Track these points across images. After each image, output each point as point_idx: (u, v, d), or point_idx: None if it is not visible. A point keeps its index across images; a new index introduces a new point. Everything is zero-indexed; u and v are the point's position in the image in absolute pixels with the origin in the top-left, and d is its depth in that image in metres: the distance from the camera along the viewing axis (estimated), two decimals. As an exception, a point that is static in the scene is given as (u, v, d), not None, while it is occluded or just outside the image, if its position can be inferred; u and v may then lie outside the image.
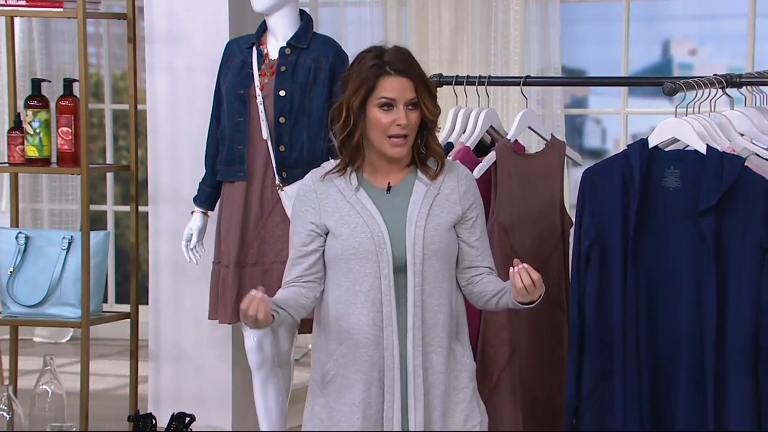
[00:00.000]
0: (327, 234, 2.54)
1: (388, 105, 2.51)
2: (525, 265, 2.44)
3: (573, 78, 5.48)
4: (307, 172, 3.52)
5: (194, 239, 3.68)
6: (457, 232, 2.55)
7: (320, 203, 2.54)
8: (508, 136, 3.00)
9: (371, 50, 2.55)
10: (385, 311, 2.50)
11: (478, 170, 2.92)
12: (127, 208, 5.26)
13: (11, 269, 3.87)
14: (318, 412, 2.56)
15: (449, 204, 2.55)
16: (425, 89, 2.53)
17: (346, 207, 2.53)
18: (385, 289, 2.50)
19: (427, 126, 2.55)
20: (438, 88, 3.09)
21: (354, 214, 2.52)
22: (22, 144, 3.86)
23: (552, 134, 3.05)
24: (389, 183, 2.56)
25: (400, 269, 2.51)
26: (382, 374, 2.50)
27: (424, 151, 2.56)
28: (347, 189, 2.54)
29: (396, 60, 2.52)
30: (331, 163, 2.59)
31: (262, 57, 3.59)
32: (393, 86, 2.51)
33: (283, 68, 3.55)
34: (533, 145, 3.52)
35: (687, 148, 2.72)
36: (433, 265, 2.52)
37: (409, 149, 2.55)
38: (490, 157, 2.96)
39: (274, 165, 3.54)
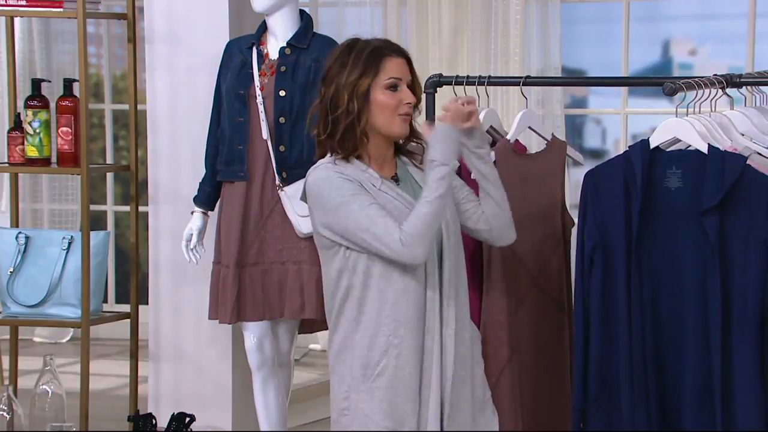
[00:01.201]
0: None
1: (394, 86, 2.54)
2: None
3: (573, 78, 5.47)
4: (306, 172, 3.56)
5: (194, 239, 3.68)
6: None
7: (360, 182, 2.53)
8: (508, 137, 3.00)
9: (355, 41, 2.57)
10: (429, 295, 2.52)
11: (476, 170, 2.92)
12: (127, 208, 5.25)
13: (11, 269, 3.86)
14: (363, 408, 2.52)
15: None
16: (413, 69, 2.59)
17: (380, 195, 2.53)
18: (430, 274, 2.52)
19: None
20: (438, 88, 3.10)
21: (392, 200, 2.53)
22: (22, 144, 3.86)
23: (552, 134, 3.05)
24: (396, 173, 2.59)
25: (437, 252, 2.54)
26: (428, 360, 2.51)
27: (412, 140, 2.59)
28: (372, 179, 2.55)
29: (388, 44, 2.57)
30: (326, 160, 2.57)
31: (262, 57, 3.59)
32: (397, 66, 2.55)
33: (283, 68, 3.55)
34: (533, 145, 3.51)
35: (688, 148, 2.72)
36: (458, 242, 2.57)
37: None
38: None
39: (274, 165, 3.54)
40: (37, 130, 3.84)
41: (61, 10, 3.81)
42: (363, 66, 2.53)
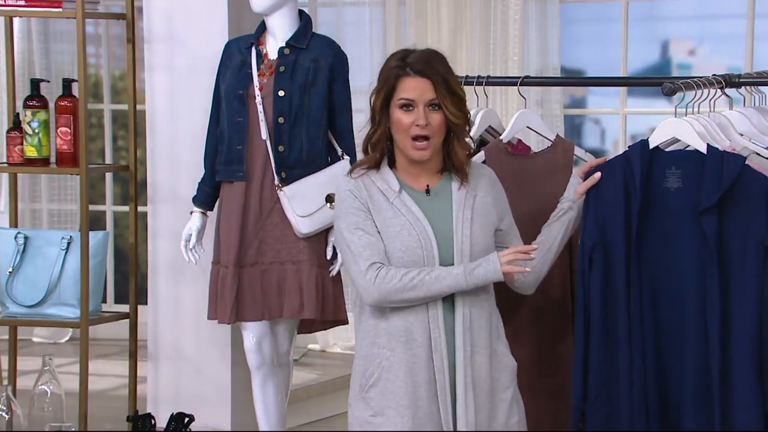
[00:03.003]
0: None
1: (408, 106, 2.52)
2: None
3: (572, 78, 5.47)
4: (306, 172, 3.57)
5: (193, 239, 3.67)
6: (495, 235, 2.61)
7: (369, 199, 2.54)
8: (502, 137, 2.99)
9: (399, 52, 2.57)
10: (431, 314, 2.51)
11: (465, 169, 2.92)
12: (126, 208, 5.25)
13: (10, 269, 3.86)
14: (358, 416, 2.55)
15: (486, 208, 2.58)
16: (447, 91, 2.52)
17: (390, 209, 2.53)
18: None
19: (452, 130, 2.54)
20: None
21: (399, 216, 2.52)
22: (21, 144, 3.86)
23: (557, 134, 3.04)
24: (428, 185, 2.57)
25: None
26: (430, 376, 2.51)
27: (453, 159, 2.57)
28: (389, 191, 2.54)
29: (418, 61, 2.52)
30: (362, 169, 2.59)
31: (261, 57, 3.58)
32: (412, 87, 2.51)
33: (282, 68, 3.55)
34: (533, 145, 3.51)
35: (687, 148, 2.72)
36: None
37: (435, 153, 2.55)
38: (479, 157, 2.95)
39: (273, 165, 3.54)
40: (36, 130, 3.83)
41: (60, 10, 3.81)
42: (382, 82, 2.54)
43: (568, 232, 2.70)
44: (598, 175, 2.70)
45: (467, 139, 2.61)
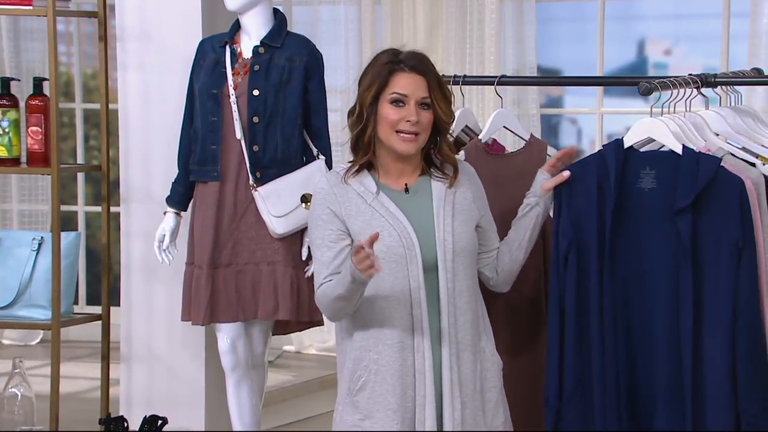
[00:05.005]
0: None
1: (400, 101, 2.51)
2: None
3: (548, 77, 5.47)
4: (281, 172, 3.55)
5: (167, 240, 3.64)
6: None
7: (341, 206, 2.53)
8: (480, 136, 2.99)
9: (388, 50, 2.57)
10: (415, 314, 2.50)
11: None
12: (98, 208, 5.20)
13: (-20, 270, 3.82)
14: (347, 420, 2.54)
15: (467, 203, 2.59)
16: (439, 90, 2.54)
17: (368, 211, 2.52)
18: (415, 292, 2.50)
19: (440, 129, 2.55)
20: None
21: (378, 217, 2.51)
22: (-9, 143, 3.81)
23: (531, 134, 3.04)
24: (406, 184, 2.56)
25: (428, 270, 2.51)
26: (418, 377, 2.50)
27: (439, 158, 2.57)
28: (366, 193, 2.53)
29: (411, 58, 2.53)
30: (344, 167, 2.58)
31: (235, 56, 3.56)
32: (406, 83, 2.51)
33: (256, 67, 3.52)
34: (509, 145, 3.50)
35: (662, 149, 2.71)
36: (462, 263, 2.54)
37: (419, 150, 2.55)
38: (459, 157, 2.94)
39: (247, 165, 3.51)
40: (7, 130, 3.79)
41: (31, 8, 3.77)
42: (372, 77, 2.52)
43: (537, 227, 2.69)
44: (566, 173, 2.68)
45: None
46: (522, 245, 2.66)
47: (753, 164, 2.73)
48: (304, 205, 3.49)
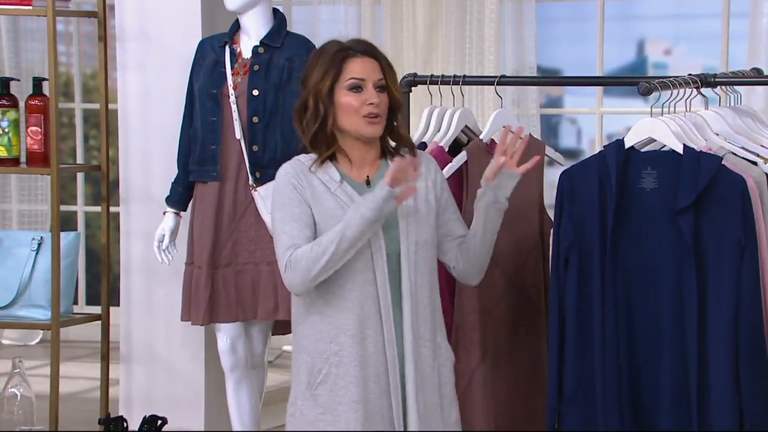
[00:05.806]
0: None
1: (358, 86, 2.50)
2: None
3: (548, 77, 5.47)
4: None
5: (166, 240, 3.64)
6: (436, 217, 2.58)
7: (306, 190, 2.51)
8: (481, 136, 2.99)
9: (331, 41, 2.56)
10: (383, 304, 2.48)
11: (448, 170, 2.92)
12: (97, 208, 5.20)
13: (-21, 271, 3.82)
14: (307, 414, 2.50)
15: (426, 192, 2.57)
16: (390, 71, 2.55)
17: (331, 200, 2.50)
18: (380, 283, 2.48)
19: (394, 111, 2.55)
20: (412, 88, 3.07)
21: (342, 206, 2.50)
22: (-9, 143, 3.81)
23: (530, 134, 3.04)
24: (368, 176, 2.55)
25: (391, 262, 2.50)
26: (380, 369, 2.47)
27: (394, 141, 2.56)
28: (330, 182, 2.52)
29: (359, 43, 2.54)
30: (307, 157, 2.56)
31: (235, 56, 3.56)
32: (361, 67, 2.51)
33: (256, 67, 3.52)
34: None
35: (663, 148, 2.71)
36: (424, 255, 2.53)
37: (382, 132, 2.55)
38: (461, 157, 2.96)
39: (247, 165, 3.51)
40: (6, 130, 3.79)
41: (31, 8, 3.76)
42: (325, 67, 2.51)
43: (491, 220, 2.59)
44: (501, 159, 2.59)
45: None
46: (478, 235, 2.59)
47: (755, 163, 2.73)
48: (303, 205, 3.49)
